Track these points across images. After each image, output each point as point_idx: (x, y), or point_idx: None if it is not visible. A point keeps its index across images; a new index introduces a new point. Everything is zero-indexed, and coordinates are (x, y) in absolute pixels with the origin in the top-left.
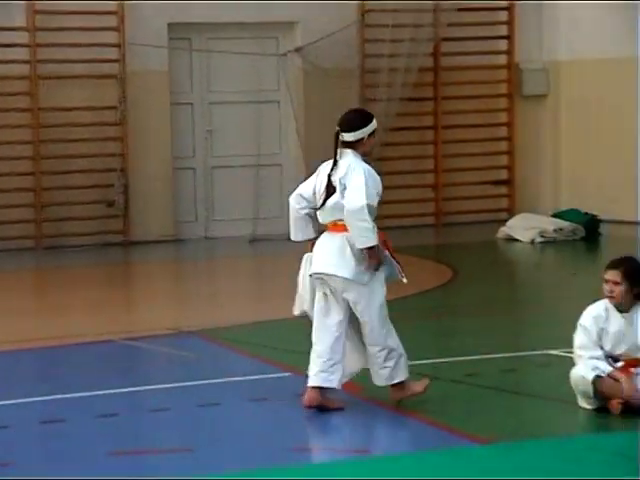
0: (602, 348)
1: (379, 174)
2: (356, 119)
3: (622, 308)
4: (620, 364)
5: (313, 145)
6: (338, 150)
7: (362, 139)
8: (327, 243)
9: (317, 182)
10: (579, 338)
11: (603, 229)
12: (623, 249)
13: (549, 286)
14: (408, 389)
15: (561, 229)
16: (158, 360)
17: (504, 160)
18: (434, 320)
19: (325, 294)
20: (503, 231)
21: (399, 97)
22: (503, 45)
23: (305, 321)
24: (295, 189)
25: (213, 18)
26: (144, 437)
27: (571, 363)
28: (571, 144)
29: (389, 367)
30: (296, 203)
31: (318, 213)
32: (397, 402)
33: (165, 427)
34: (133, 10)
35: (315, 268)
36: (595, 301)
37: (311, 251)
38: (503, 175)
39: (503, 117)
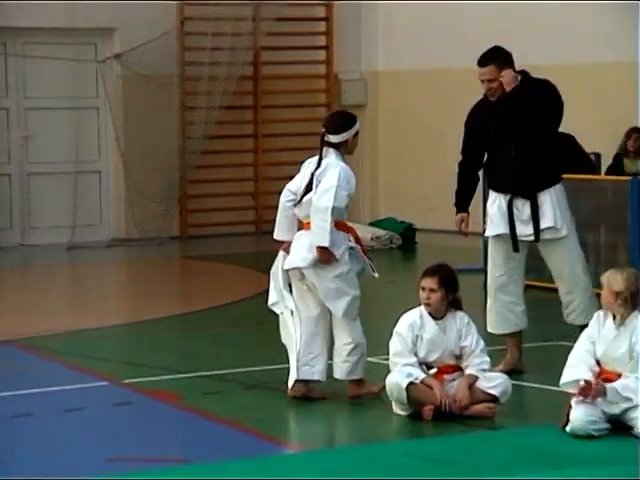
0: (417, 355)
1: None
2: (341, 121)
3: (437, 315)
4: (433, 371)
5: (132, 152)
6: (323, 150)
7: (346, 140)
8: (302, 239)
9: (301, 179)
10: (394, 345)
11: (419, 237)
12: (438, 257)
13: (367, 294)
14: (364, 387)
15: (378, 237)
16: None
17: None
18: (253, 328)
19: (302, 288)
20: None
21: (219, 105)
22: (322, 55)
23: (122, 330)
24: (113, 196)
25: (29, 22)
26: None
27: (387, 370)
28: (389, 154)
29: (350, 362)
30: (284, 197)
31: (296, 208)
32: (352, 398)
33: None
34: None
35: (291, 263)
36: (411, 308)
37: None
38: None
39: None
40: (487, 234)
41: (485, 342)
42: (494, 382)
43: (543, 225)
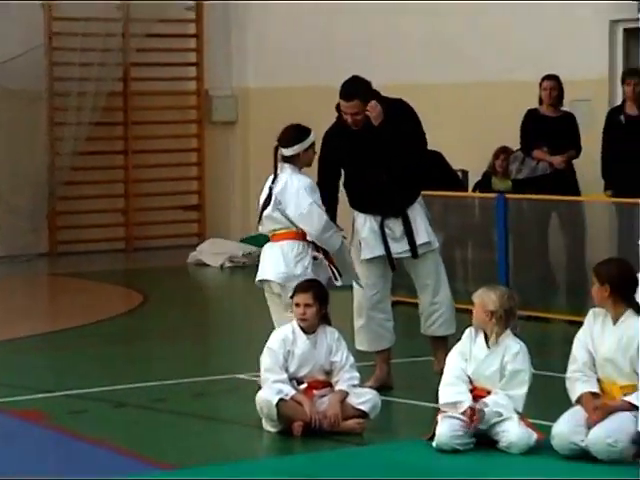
0: (287, 370)
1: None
2: (293, 134)
3: (310, 330)
4: (304, 386)
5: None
6: (279, 164)
7: (299, 154)
8: (267, 252)
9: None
10: (265, 361)
11: None
12: None
13: (238, 310)
14: None
15: (250, 253)
16: None
17: (194, 185)
18: (122, 346)
19: (272, 297)
20: (194, 256)
21: (89, 121)
22: (192, 72)
23: None
24: None
25: None
26: None
27: (259, 386)
28: (260, 170)
29: None
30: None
31: (259, 225)
32: None
33: None
34: None
35: (259, 275)
36: None
37: None
38: (193, 200)
39: (193, 143)
40: (363, 257)
41: (353, 358)
42: (364, 398)
43: (419, 241)
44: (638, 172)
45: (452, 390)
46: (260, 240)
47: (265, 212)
